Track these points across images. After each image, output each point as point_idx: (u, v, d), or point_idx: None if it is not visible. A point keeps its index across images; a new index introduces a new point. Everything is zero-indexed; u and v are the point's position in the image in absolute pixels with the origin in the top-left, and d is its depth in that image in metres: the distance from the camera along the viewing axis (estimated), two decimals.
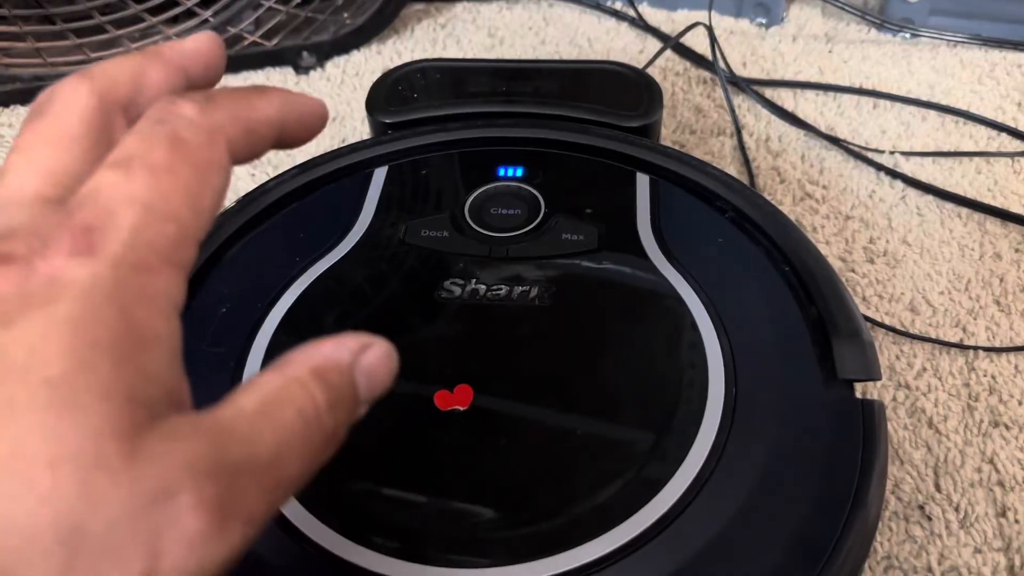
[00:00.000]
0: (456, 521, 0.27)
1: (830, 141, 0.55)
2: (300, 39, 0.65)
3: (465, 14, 0.73)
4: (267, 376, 0.17)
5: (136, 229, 0.15)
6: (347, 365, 0.18)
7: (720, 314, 0.32)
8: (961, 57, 0.65)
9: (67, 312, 0.14)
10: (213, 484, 0.14)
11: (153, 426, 0.14)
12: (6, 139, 0.57)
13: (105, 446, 0.13)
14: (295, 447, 0.16)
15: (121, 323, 0.15)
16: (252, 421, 0.16)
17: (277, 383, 0.17)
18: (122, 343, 0.15)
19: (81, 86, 0.18)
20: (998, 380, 0.40)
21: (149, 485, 0.14)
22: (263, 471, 0.15)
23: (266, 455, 0.16)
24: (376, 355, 0.19)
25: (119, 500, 0.13)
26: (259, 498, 0.15)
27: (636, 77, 0.48)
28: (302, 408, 0.16)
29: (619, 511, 0.26)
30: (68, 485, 0.13)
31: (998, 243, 0.47)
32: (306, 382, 0.17)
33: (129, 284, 0.15)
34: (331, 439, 0.17)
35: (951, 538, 0.33)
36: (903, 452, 0.37)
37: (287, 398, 0.17)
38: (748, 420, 0.29)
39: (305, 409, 0.17)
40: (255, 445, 0.15)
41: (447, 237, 0.36)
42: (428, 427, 0.29)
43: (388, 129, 0.45)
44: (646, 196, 0.38)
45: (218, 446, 0.15)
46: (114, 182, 0.16)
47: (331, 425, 0.17)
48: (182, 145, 0.17)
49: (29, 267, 0.15)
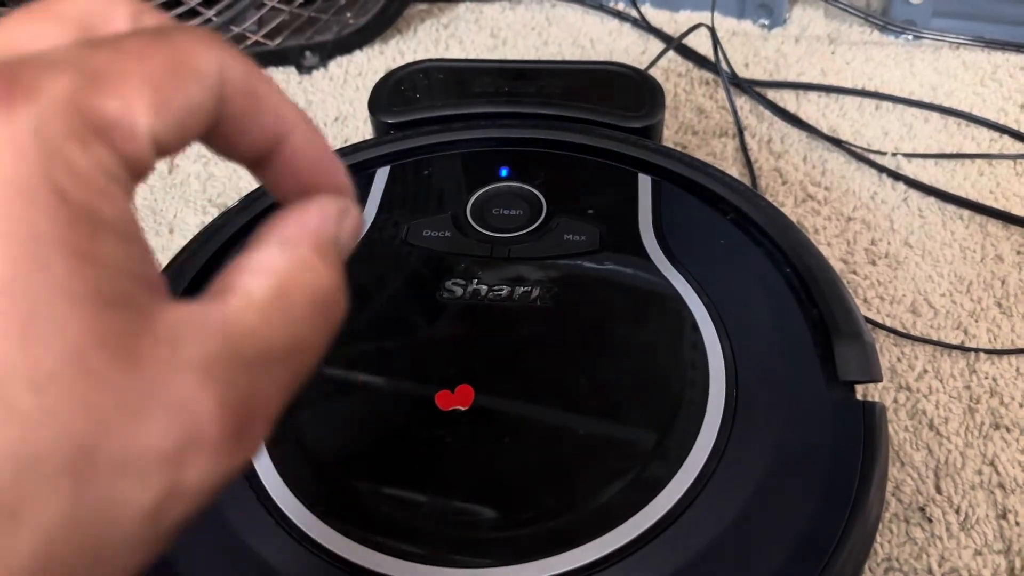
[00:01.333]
0: (457, 521, 0.27)
1: (832, 142, 0.55)
2: (303, 39, 0.66)
3: (468, 14, 0.73)
4: (270, 254, 0.15)
5: (73, 89, 0.13)
6: (335, 235, 0.17)
7: (721, 315, 0.32)
8: (964, 59, 0.65)
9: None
10: (231, 386, 0.13)
11: (144, 327, 0.12)
12: None
13: (92, 357, 0.12)
14: (309, 336, 0.15)
15: (60, 205, 0.12)
16: (264, 312, 0.14)
17: (283, 264, 0.15)
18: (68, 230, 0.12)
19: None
20: (999, 382, 0.40)
21: (161, 393, 0.12)
22: (279, 366, 0.14)
23: (281, 348, 0.14)
24: (354, 220, 0.18)
25: (125, 410, 0.12)
26: (276, 396, 0.14)
27: (638, 78, 0.48)
28: (314, 293, 0.15)
29: (620, 511, 0.26)
30: (60, 405, 0.11)
31: (1000, 245, 0.47)
32: (314, 263, 0.16)
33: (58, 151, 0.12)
34: (339, 320, 0.16)
35: (952, 540, 0.33)
36: (904, 454, 0.37)
37: (298, 283, 0.15)
38: (749, 421, 0.29)
39: (317, 294, 0.15)
40: (269, 339, 0.14)
41: (449, 237, 0.36)
42: (429, 427, 0.29)
43: (390, 129, 0.45)
44: (648, 197, 0.38)
45: (230, 343, 0.13)
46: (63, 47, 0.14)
47: (340, 303, 0.16)
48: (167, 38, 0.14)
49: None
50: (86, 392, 0.11)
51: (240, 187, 0.53)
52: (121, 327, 0.12)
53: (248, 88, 0.16)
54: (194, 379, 0.13)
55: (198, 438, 0.12)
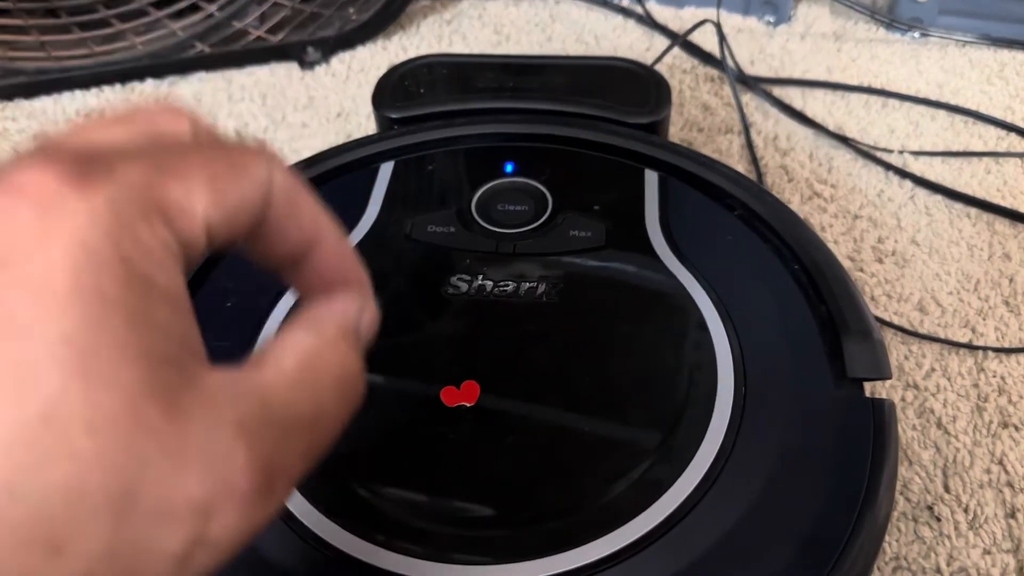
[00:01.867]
0: (462, 518, 0.26)
1: (839, 140, 0.55)
2: (305, 34, 0.65)
3: (471, 10, 0.73)
4: (300, 335, 0.17)
5: (144, 175, 0.14)
6: (357, 322, 0.19)
7: (729, 312, 0.32)
8: (970, 57, 0.64)
9: (65, 254, 0.13)
10: (263, 444, 0.14)
11: (189, 385, 0.14)
12: (10, 132, 0.57)
13: (143, 407, 0.13)
14: (332, 408, 0.17)
15: (126, 271, 0.13)
16: (293, 383, 0.16)
17: (312, 343, 0.17)
18: (130, 294, 0.13)
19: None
20: (1007, 381, 0.39)
21: (200, 442, 0.13)
22: (304, 431, 0.16)
23: (308, 417, 0.16)
24: (372, 315, 0.20)
25: (168, 459, 0.13)
26: (300, 459, 0.15)
27: (644, 73, 0.47)
28: (339, 373, 0.17)
29: (627, 509, 0.26)
30: (112, 448, 0.12)
31: (1007, 243, 0.47)
32: (339, 345, 0.17)
33: (128, 226, 0.14)
34: (359, 398, 0.18)
35: (960, 539, 0.33)
36: (912, 452, 0.36)
37: (325, 361, 0.17)
38: (757, 419, 0.28)
39: (340, 372, 0.17)
40: (297, 407, 0.16)
41: (454, 233, 0.36)
42: (435, 423, 0.28)
43: (394, 124, 0.45)
44: (655, 193, 0.38)
45: (263, 406, 0.15)
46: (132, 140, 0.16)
47: (361, 384, 0.18)
48: (225, 145, 0.17)
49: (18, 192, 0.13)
50: (135, 439, 0.13)
51: None
52: (168, 383, 0.13)
53: (291, 196, 0.18)
54: (229, 435, 0.14)
55: (229, 489, 0.14)
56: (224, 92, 0.62)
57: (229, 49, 0.64)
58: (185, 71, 0.64)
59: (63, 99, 0.61)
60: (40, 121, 0.58)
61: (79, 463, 0.12)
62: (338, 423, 0.17)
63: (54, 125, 0.58)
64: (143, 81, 0.63)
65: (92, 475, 0.12)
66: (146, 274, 0.14)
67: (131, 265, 0.14)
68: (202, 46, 0.63)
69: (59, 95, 0.61)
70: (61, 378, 0.12)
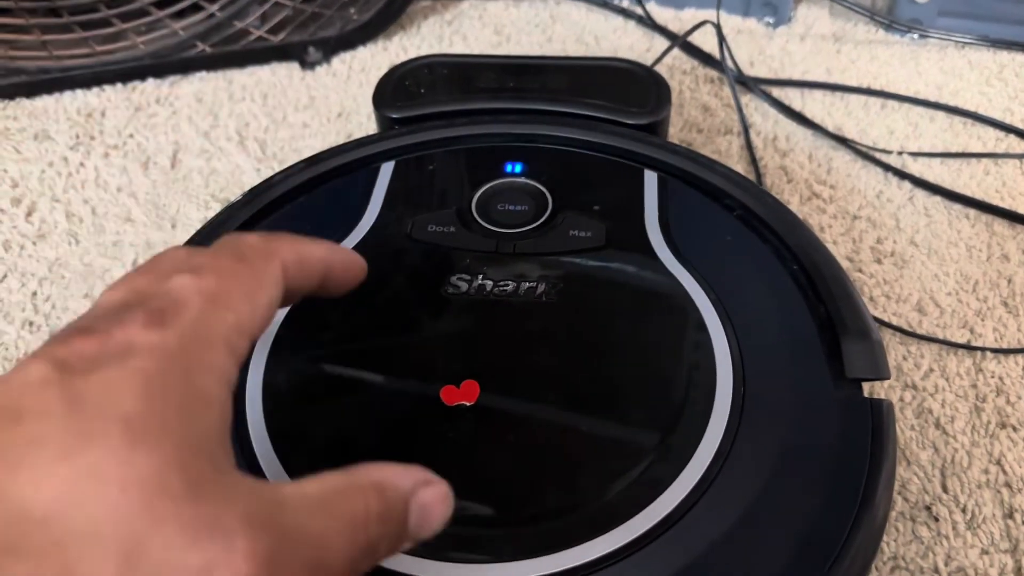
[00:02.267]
0: (461, 516, 0.26)
1: (838, 141, 0.55)
2: (306, 34, 0.65)
3: (471, 11, 0.73)
4: (334, 474, 0.19)
5: (202, 311, 0.19)
6: (405, 491, 0.20)
7: (728, 312, 0.32)
8: (969, 58, 0.64)
9: (139, 366, 0.17)
10: (266, 539, 0.16)
11: (215, 474, 0.16)
12: (11, 132, 0.57)
13: (171, 479, 0.15)
14: (339, 542, 0.18)
15: (184, 383, 0.17)
16: (309, 505, 0.18)
17: (340, 483, 0.19)
18: (185, 400, 0.17)
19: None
20: (1005, 381, 0.39)
21: (210, 521, 0.15)
22: (308, 548, 0.17)
23: (314, 536, 0.17)
24: (434, 494, 0.21)
25: (180, 526, 0.15)
26: (303, 572, 0.17)
27: (644, 74, 0.48)
28: (355, 511, 0.18)
29: (626, 508, 0.26)
30: (135, 504, 0.15)
31: (1006, 244, 0.47)
32: (366, 491, 0.19)
33: (192, 353, 0.18)
34: (370, 550, 0.19)
35: (958, 539, 0.33)
36: (910, 453, 0.36)
37: (345, 498, 0.19)
38: (756, 418, 0.29)
39: (357, 513, 0.18)
40: (306, 524, 0.17)
41: (454, 233, 0.36)
42: (434, 422, 0.29)
43: (395, 124, 0.45)
44: (654, 193, 0.38)
45: (274, 511, 0.17)
46: (185, 282, 0.19)
47: (375, 536, 0.19)
48: (245, 258, 0.21)
49: (108, 335, 0.17)
50: (156, 502, 0.15)
51: (243, 182, 0.53)
52: (198, 468, 0.16)
53: (300, 261, 0.23)
54: (236, 520, 0.16)
55: (228, 566, 0.15)
56: (225, 92, 0.62)
57: (230, 49, 0.64)
58: (186, 71, 0.64)
59: (64, 98, 0.61)
60: (41, 120, 0.58)
61: (104, 511, 0.15)
62: (345, 561, 0.18)
63: (55, 124, 0.58)
64: (144, 81, 0.63)
65: (111, 522, 0.15)
66: (203, 387, 0.18)
67: (192, 380, 0.18)
68: (203, 46, 0.63)
69: (60, 94, 0.61)
70: (111, 445, 0.15)
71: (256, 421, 0.29)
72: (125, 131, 0.58)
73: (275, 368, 0.31)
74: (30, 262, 0.47)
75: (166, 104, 0.61)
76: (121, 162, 0.55)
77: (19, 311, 0.44)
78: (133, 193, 0.52)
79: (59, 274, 0.46)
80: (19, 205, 0.51)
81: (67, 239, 0.49)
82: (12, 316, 0.43)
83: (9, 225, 0.49)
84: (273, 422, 0.29)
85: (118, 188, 0.53)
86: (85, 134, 0.57)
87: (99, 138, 0.57)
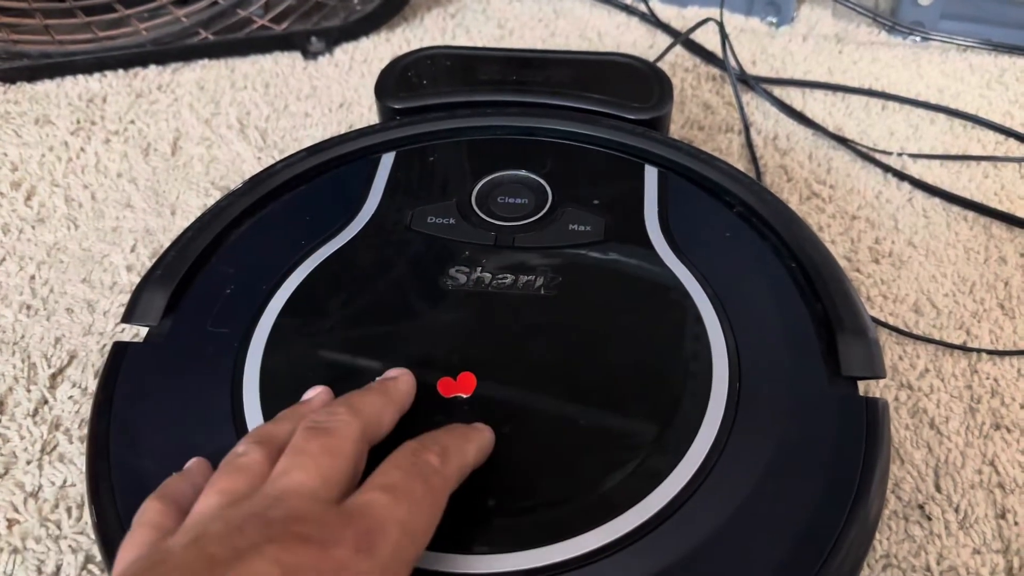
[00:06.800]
0: (457, 508, 0.26)
1: (838, 141, 0.55)
2: (309, 24, 0.65)
3: (475, 4, 0.73)
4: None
5: (398, 543, 0.21)
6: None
7: (725, 308, 0.32)
8: (970, 61, 0.64)
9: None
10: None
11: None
12: (12, 116, 0.57)
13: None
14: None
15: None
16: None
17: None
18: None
19: (354, 420, 0.25)
20: (1000, 383, 0.40)
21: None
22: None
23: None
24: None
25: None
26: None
27: (647, 70, 0.48)
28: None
29: (622, 501, 0.26)
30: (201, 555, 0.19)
31: (1003, 247, 0.47)
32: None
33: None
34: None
35: (950, 538, 0.33)
36: (904, 452, 0.37)
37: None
38: (751, 414, 0.29)
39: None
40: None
41: (453, 224, 0.36)
42: (431, 414, 0.29)
43: (396, 115, 0.45)
44: (654, 189, 0.38)
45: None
46: (385, 504, 0.22)
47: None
48: (430, 486, 0.23)
49: (324, 551, 0.20)
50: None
51: (243, 170, 0.53)
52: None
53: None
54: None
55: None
56: (227, 80, 0.62)
57: (233, 37, 0.64)
58: (188, 58, 0.64)
59: (66, 83, 0.61)
60: (43, 105, 0.58)
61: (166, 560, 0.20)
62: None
63: (56, 109, 0.58)
64: (146, 67, 0.63)
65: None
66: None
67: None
68: (206, 33, 0.63)
69: (62, 79, 0.61)
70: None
71: (253, 407, 0.29)
72: (126, 117, 0.58)
73: (274, 355, 0.31)
74: (29, 246, 0.47)
75: (168, 91, 0.61)
76: (122, 148, 0.55)
77: (17, 294, 0.44)
78: (133, 179, 0.52)
79: (57, 258, 0.46)
80: (19, 189, 0.51)
81: (66, 224, 0.49)
82: (10, 299, 0.43)
83: (8, 208, 0.49)
84: (271, 409, 0.29)
85: (118, 174, 0.52)
86: (86, 119, 0.57)
87: (100, 124, 0.57)
